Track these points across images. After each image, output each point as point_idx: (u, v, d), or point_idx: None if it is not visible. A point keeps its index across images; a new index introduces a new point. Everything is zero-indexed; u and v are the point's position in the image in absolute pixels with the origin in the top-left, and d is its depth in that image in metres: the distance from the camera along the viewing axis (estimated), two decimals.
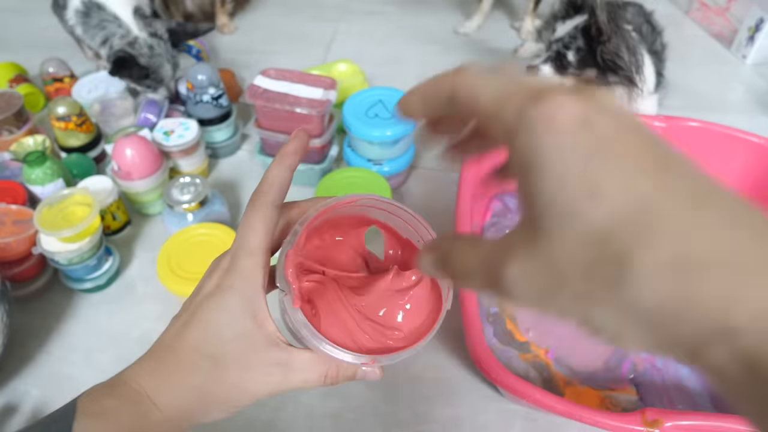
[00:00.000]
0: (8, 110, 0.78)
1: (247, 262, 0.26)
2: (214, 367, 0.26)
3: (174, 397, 0.26)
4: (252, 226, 0.27)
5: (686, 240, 0.13)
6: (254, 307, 0.26)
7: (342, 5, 1.32)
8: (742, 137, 0.71)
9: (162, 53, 0.81)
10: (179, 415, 0.26)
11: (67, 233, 0.59)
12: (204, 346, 0.26)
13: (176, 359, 0.26)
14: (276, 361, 0.26)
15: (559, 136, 0.15)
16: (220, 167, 0.86)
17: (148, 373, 0.27)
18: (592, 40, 0.75)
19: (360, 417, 0.56)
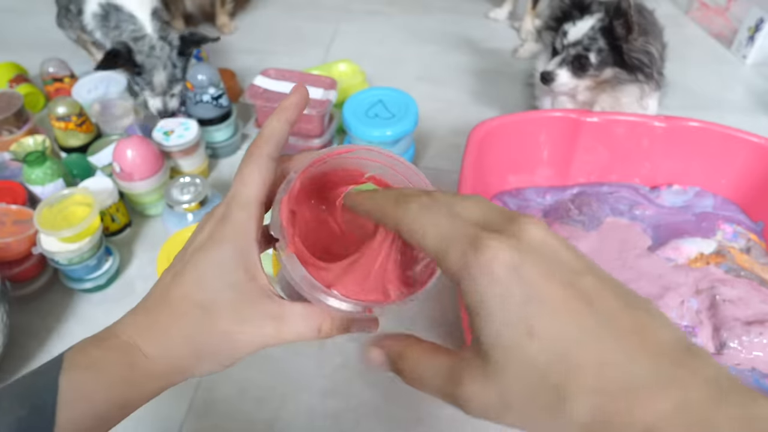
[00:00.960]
0: (8, 110, 0.78)
1: (240, 214, 0.26)
2: (205, 315, 0.25)
3: (165, 347, 0.25)
4: (246, 177, 0.27)
5: (601, 371, 0.17)
6: (246, 260, 0.26)
7: (342, 5, 1.32)
8: (742, 137, 0.71)
9: (161, 57, 0.80)
10: (170, 365, 0.25)
11: (67, 233, 0.59)
12: (195, 296, 0.26)
13: (168, 309, 0.26)
14: (268, 313, 0.26)
15: (497, 287, 0.18)
16: (220, 167, 0.86)
17: (138, 324, 0.26)
18: (616, 39, 0.75)
19: (360, 417, 0.56)
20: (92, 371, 0.25)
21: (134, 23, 0.80)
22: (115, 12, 0.81)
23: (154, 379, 0.25)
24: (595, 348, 0.17)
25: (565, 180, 0.78)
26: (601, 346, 0.17)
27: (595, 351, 0.17)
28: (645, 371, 0.17)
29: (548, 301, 0.18)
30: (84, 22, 0.84)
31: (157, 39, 0.79)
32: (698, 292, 0.62)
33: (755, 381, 0.56)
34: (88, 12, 0.83)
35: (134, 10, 0.80)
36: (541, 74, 0.81)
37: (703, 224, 0.71)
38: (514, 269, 0.18)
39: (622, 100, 0.81)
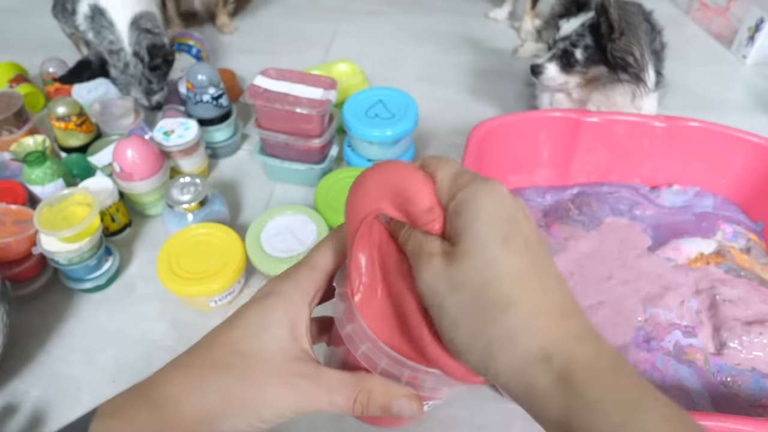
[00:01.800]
0: (8, 110, 0.78)
1: (304, 273, 0.27)
2: (242, 365, 0.25)
3: (196, 392, 0.25)
4: (322, 245, 0.27)
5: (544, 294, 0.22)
6: (294, 317, 0.26)
7: (342, 5, 1.32)
8: (742, 137, 0.71)
9: (135, 75, 0.80)
10: (200, 415, 0.25)
11: (67, 233, 0.59)
12: (237, 345, 0.26)
13: (209, 354, 0.26)
14: (304, 373, 0.25)
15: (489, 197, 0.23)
16: (220, 167, 0.86)
17: (177, 369, 0.26)
18: (602, 38, 0.75)
19: None
20: (121, 420, 0.25)
21: (113, 33, 0.80)
22: (99, 16, 0.81)
23: (183, 429, 0.25)
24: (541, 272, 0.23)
25: (565, 180, 0.78)
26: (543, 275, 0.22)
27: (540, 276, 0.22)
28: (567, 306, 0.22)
29: (520, 227, 0.23)
30: (77, 22, 0.84)
31: (131, 55, 0.80)
32: (698, 292, 0.62)
33: (755, 381, 0.56)
34: (81, 13, 0.83)
35: (115, 18, 0.80)
36: (531, 67, 0.82)
37: (703, 224, 0.71)
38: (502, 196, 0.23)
39: (614, 99, 0.81)
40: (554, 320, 0.21)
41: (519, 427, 0.55)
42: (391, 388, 0.26)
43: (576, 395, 0.20)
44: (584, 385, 0.20)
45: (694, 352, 0.57)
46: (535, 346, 0.21)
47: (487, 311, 0.21)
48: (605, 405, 0.19)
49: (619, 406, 0.19)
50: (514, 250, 0.22)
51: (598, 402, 0.19)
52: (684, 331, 0.59)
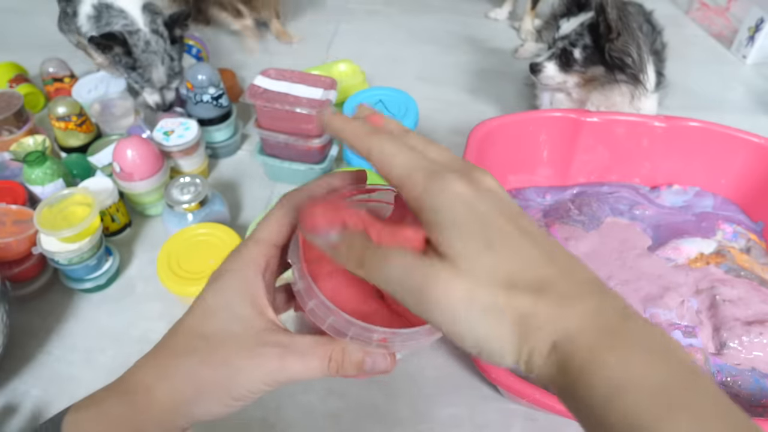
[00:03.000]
0: (8, 110, 0.78)
1: (251, 249, 0.26)
2: (206, 345, 0.25)
3: (166, 381, 0.25)
4: (267, 219, 0.27)
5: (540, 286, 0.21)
6: (253, 292, 0.26)
7: (342, 5, 1.32)
8: (742, 137, 0.71)
9: (157, 51, 0.79)
10: (171, 401, 0.25)
11: (67, 233, 0.59)
12: (200, 328, 0.25)
13: (172, 342, 0.26)
14: (272, 342, 0.25)
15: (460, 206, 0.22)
16: (220, 167, 0.86)
17: (146, 361, 0.26)
18: (600, 38, 0.75)
19: (360, 417, 0.56)
20: (93, 410, 0.25)
21: (125, 18, 0.79)
22: (107, 10, 0.80)
23: (156, 416, 0.25)
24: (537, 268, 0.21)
25: (565, 180, 0.78)
26: (542, 269, 0.21)
27: (537, 270, 0.21)
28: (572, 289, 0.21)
29: (500, 228, 0.22)
30: (78, 24, 0.84)
31: (150, 33, 0.79)
32: (698, 292, 0.62)
33: (755, 381, 0.56)
34: (83, 14, 0.83)
35: (124, 6, 0.80)
36: (530, 65, 0.82)
37: (703, 224, 0.71)
38: (472, 200, 0.22)
39: (613, 99, 0.81)
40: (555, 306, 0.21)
41: (519, 427, 0.55)
42: (363, 345, 0.26)
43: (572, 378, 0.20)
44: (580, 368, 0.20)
45: (694, 352, 0.57)
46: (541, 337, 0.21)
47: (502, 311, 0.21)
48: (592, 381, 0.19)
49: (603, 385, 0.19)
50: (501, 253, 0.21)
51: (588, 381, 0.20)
52: (684, 331, 0.59)
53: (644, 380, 0.19)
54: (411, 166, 0.23)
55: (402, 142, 0.24)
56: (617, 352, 0.19)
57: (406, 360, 0.60)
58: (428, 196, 0.22)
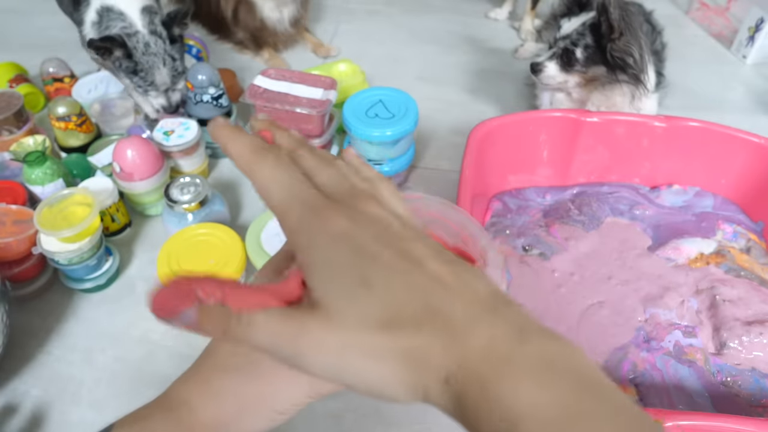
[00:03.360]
0: (8, 110, 0.78)
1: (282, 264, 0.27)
2: (246, 362, 0.25)
3: (209, 399, 0.25)
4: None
5: (425, 315, 0.19)
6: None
7: (342, 5, 1.32)
8: (742, 137, 0.71)
9: (158, 53, 0.78)
10: (214, 418, 0.25)
11: (67, 233, 0.59)
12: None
13: (213, 359, 0.26)
14: None
15: (333, 246, 0.20)
16: (220, 167, 0.86)
17: (187, 378, 0.26)
18: (602, 38, 0.75)
19: (360, 417, 0.56)
20: (138, 427, 0.24)
21: (123, 20, 0.77)
22: (107, 14, 0.79)
23: (200, 430, 0.25)
24: (422, 297, 0.19)
25: (565, 180, 0.78)
26: (427, 296, 0.19)
27: (422, 299, 0.19)
28: (461, 314, 0.19)
29: (378, 258, 0.20)
30: (84, 33, 0.82)
31: (149, 35, 0.77)
32: (698, 292, 0.62)
33: (755, 381, 0.56)
34: (88, 22, 0.81)
35: (124, 9, 0.78)
36: (531, 65, 0.82)
37: (703, 224, 0.71)
38: (348, 232, 0.20)
39: (614, 99, 0.81)
40: (442, 339, 0.19)
41: None
42: None
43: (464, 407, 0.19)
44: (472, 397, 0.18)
45: (694, 352, 0.57)
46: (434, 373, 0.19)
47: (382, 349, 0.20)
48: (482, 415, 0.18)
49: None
50: (378, 288, 0.20)
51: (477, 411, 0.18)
52: (684, 331, 0.59)
53: (536, 410, 0.17)
54: (289, 197, 0.21)
55: (287, 165, 0.22)
56: (508, 383, 0.18)
57: None
58: (301, 234, 0.21)
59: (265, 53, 1.11)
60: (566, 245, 0.68)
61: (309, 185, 0.21)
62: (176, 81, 0.80)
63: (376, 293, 0.19)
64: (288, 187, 0.21)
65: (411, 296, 0.19)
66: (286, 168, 0.22)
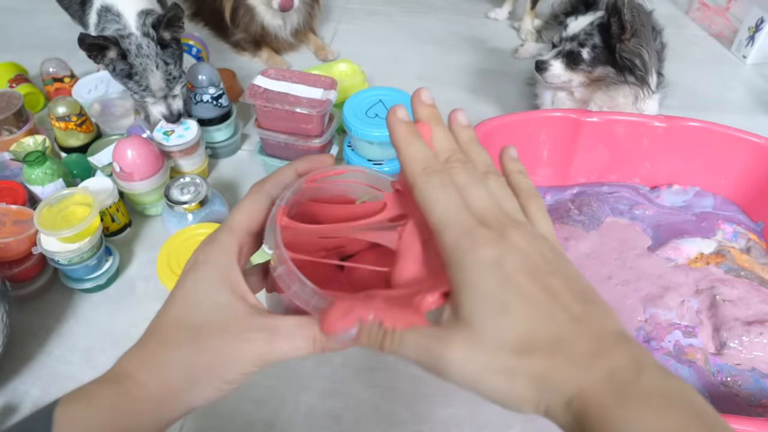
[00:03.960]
0: (8, 110, 0.78)
1: (225, 237, 0.27)
2: (194, 336, 0.25)
3: (156, 372, 0.25)
4: (239, 207, 0.28)
5: (553, 346, 0.22)
6: (232, 280, 0.26)
7: (342, 5, 1.32)
8: (742, 137, 0.71)
9: (150, 55, 0.76)
10: (163, 391, 0.25)
11: (67, 233, 0.59)
12: (184, 318, 0.26)
13: (158, 335, 0.26)
14: (259, 326, 0.26)
15: (482, 269, 0.22)
16: (220, 167, 0.86)
17: (133, 354, 0.27)
18: (611, 38, 0.75)
19: (360, 417, 0.56)
20: (84, 402, 0.25)
21: (119, 21, 0.76)
22: (105, 14, 0.78)
23: (149, 407, 0.25)
24: (555, 328, 0.22)
25: (565, 180, 0.78)
26: (556, 328, 0.22)
27: (555, 330, 0.22)
28: (587, 347, 0.21)
29: (520, 289, 0.22)
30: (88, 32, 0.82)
31: (141, 36, 0.76)
32: (698, 292, 0.62)
33: (755, 381, 0.56)
34: (92, 24, 0.81)
35: (122, 10, 0.77)
36: (536, 62, 0.82)
37: (703, 224, 0.71)
38: (497, 261, 0.22)
39: (617, 99, 0.81)
40: (569, 367, 0.21)
41: (519, 427, 0.55)
42: None
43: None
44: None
45: (694, 352, 0.57)
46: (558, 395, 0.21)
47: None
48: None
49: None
50: (516, 315, 0.22)
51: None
52: (684, 331, 0.59)
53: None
54: (446, 219, 0.23)
55: (449, 189, 0.24)
56: (631, 410, 0.20)
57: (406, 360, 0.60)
58: (454, 254, 0.23)
59: (264, 53, 1.11)
60: (566, 245, 0.68)
61: (465, 209, 0.24)
62: (172, 85, 0.79)
63: (516, 320, 0.22)
64: (446, 209, 0.24)
65: (546, 326, 0.22)
66: (448, 192, 0.24)
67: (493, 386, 0.22)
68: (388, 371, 0.60)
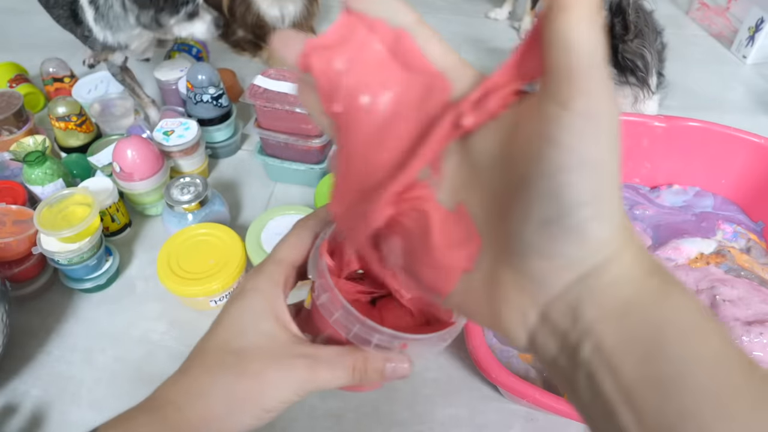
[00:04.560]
0: (8, 110, 0.78)
1: (272, 268, 0.28)
2: (237, 361, 0.26)
3: (199, 398, 0.25)
4: (285, 241, 0.29)
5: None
6: (276, 309, 0.27)
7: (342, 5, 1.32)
8: (742, 137, 0.71)
9: None
10: (203, 417, 0.25)
11: (67, 233, 0.59)
12: (229, 344, 0.26)
13: (203, 360, 0.27)
14: (301, 354, 0.26)
15: None
16: (220, 167, 0.86)
17: (176, 380, 0.27)
18: (613, 38, 0.75)
19: (360, 417, 0.56)
20: (125, 425, 0.25)
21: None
22: None
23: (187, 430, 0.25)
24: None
25: None
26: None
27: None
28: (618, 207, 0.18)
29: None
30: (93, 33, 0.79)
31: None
32: (698, 292, 0.62)
33: None
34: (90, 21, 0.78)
35: None
36: None
37: (703, 224, 0.71)
38: None
39: (618, 100, 0.81)
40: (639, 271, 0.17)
41: (519, 427, 0.55)
42: (384, 351, 0.27)
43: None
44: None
45: None
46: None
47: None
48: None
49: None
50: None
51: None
52: None
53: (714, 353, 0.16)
54: None
55: None
56: (673, 299, 0.17)
57: None
58: None
59: (264, 53, 1.11)
60: None
61: None
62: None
63: None
64: None
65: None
66: None
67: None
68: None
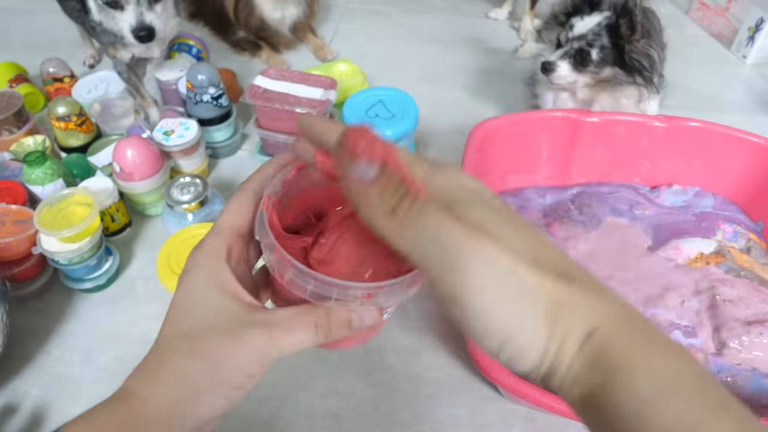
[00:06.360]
0: (8, 110, 0.78)
1: (212, 240, 0.27)
2: (190, 344, 0.24)
3: (159, 387, 0.24)
4: (225, 209, 0.28)
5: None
6: (220, 280, 0.26)
7: (342, 5, 1.32)
8: (743, 137, 0.71)
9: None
10: (167, 405, 0.24)
11: (67, 233, 0.59)
12: (179, 327, 0.25)
13: (157, 349, 0.26)
14: (255, 322, 0.24)
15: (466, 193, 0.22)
16: (220, 167, 0.86)
17: (137, 372, 0.26)
18: (620, 39, 0.75)
19: (360, 417, 0.56)
20: (89, 421, 0.24)
21: None
22: None
23: (155, 424, 0.24)
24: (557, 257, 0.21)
25: (565, 180, 0.78)
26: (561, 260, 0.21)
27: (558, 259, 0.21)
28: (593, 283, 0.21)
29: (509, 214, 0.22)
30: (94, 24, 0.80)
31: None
32: (698, 292, 0.62)
33: (755, 381, 0.56)
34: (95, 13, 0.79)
35: None
36: (542, 63, 0.81)
37: (703, 224, 0.71)
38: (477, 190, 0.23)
39: (621, 100, 0.81)
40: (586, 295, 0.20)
41: (519, 427, 0.55)
42: (347, 304, 0.25)
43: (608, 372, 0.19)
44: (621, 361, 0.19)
45: (694, 353, 0.57)
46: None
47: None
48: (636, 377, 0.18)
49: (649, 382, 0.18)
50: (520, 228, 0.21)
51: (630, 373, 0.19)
52: (684, 331, 0.59)
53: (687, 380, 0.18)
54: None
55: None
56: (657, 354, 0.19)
57: (406, 360, 0.60)
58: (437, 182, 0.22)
59: (264, 53, 1.11)
60: (566, 245, 0.68)
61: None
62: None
63: (522, 234, 0.20)
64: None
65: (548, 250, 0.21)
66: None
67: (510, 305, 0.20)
68: (388, 371, 0.60)
